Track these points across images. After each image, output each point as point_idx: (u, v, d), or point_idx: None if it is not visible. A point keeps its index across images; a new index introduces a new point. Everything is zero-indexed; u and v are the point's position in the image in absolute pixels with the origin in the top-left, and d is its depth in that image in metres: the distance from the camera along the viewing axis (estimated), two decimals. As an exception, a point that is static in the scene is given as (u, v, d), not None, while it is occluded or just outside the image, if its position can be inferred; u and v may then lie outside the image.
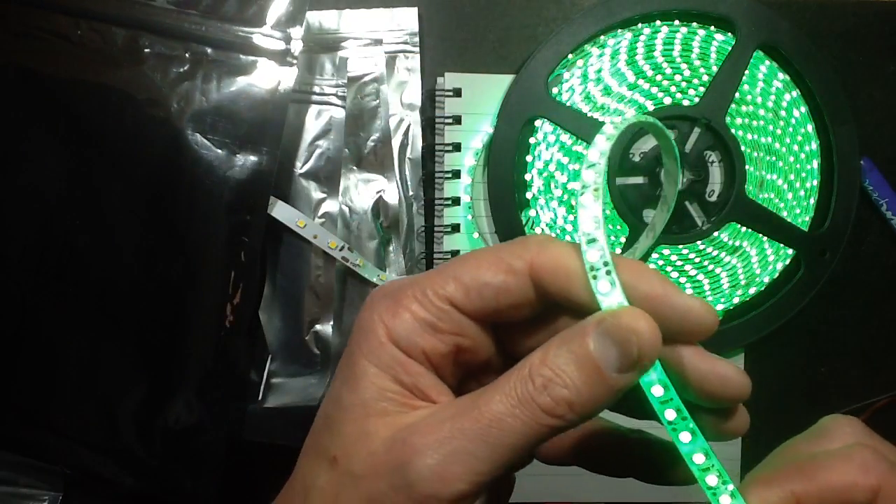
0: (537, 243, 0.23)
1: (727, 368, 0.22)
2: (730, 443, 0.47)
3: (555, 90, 0.45)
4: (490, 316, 0.23)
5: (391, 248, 0.46)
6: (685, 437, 0.21)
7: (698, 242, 0.45)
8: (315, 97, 0.45)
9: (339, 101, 0.45)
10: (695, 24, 0.45)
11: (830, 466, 0.22)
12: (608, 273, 0.21)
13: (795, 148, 0.45)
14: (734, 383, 0.23)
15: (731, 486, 0.21)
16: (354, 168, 0.45)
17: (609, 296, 0.21)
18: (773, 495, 0.22)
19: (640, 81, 0.45)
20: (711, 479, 0.21)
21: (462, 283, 0.23)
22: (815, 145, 0.45)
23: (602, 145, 0.22)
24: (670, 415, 0.21)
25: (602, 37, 0.45)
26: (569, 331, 0.21)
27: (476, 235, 0.46)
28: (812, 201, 0.46)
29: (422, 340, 0.23)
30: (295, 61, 0.41)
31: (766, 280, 0.46)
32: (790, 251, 0.45)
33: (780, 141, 0.45)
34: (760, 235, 0.45)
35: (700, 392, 0.23)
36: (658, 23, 0.45)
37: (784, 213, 0.45)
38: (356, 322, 0.24)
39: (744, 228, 0.45)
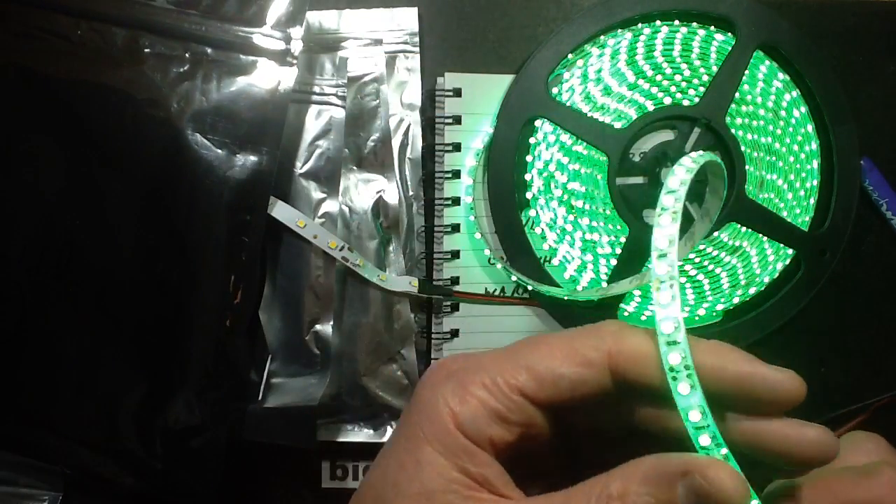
0: (612, 333, 0.22)
1: (816, 433, 0.22)
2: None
3: (555, 90, 0.45)
4: (561, 405, 0.23)
5: (391, 248, 0.46)
6: None
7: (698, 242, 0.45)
8: (315, 97, 0.45)
9: (339, 101, 0.45)
10: (695, 24, 0.45)
11: (858, 483, 0.22)
12: (672, 287, 0.22)
13: (795, 148, 0.45)
14: (824, 446, 0.22)
15: None
16: (354, 168, 0.45)
17: (675, 349, 0.21)
18: None
19: (640, 81, 0.45)
20: None
21: (535, 374, 0.22)
22: (815, 145, 0.45)
23: (682, 175, 0.24)
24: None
25: (602, 37, 0.45)
26: (653, 469, 0.21)
27: (478, 236, 0.46)
28: (812, 201, 0.46)
29: (490, 430, 0.22)
30: (295, 61, 0.41)
31: (766, 280, 0.46)
32: (790, 251, 0.45)
33: (780, 141, 0.45)
34: (760, 235, 0.45)
35: (788, 459, 0.22)
36: (658, 23, 0.45)
37: (784, 213, 0.45)
38: (416, 399, 0.23)
39: (744, 228, 0.45)
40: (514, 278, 0.45)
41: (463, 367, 0.23)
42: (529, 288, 0.45)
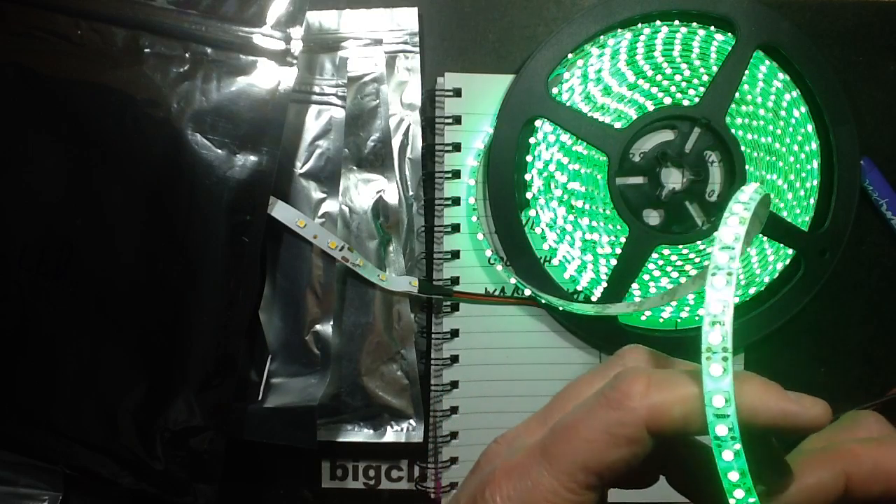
0: (641, 397, 0.22)
1: (814, 405, 0.23)
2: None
3: (555, 90, 0.45)
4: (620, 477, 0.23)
5: (391, 248, 0.46)
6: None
7: (698, 242, 0.45)
8: (315, 97, 0.45)
9: (339, 101, 0.45)
10: (695, 24, 0.45)
11: (878, 450, 0.23)
12: (725, 360, 0.21)
13: (795, 148, 0.45)
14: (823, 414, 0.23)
15: None
16: (354, 168, 0.45)
17: (723, 394, 0.21)
18: (826, 473, 0.23)
19: (640, 81, 0.45)
20: None
21: (591, 471, 0.22)
22: (815, 145, 0.45)
23: (736, 228, 0.22)
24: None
25: (602, 37, 0.45)
26: None
27: (480, 237, 0.46)
28: (812, 201, 0.46)
29: None
30: (295, 61, 0.41)
31: (766, 280, 0.46)
32: (790, 251, 0.45)
33: (780, 141, 0.45)
34: (760, 235, 0.45)
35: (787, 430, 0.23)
36: (658, 23, 0.45)
37: (784, 213, 0.45)
38: (482, 498, 0.24)
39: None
40: (512, 280, 0.45)
41: (525, 486, 0.23)
42: (527, 293, 0.45)
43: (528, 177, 0.45)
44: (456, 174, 0.46)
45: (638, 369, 0.23)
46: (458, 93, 0.46)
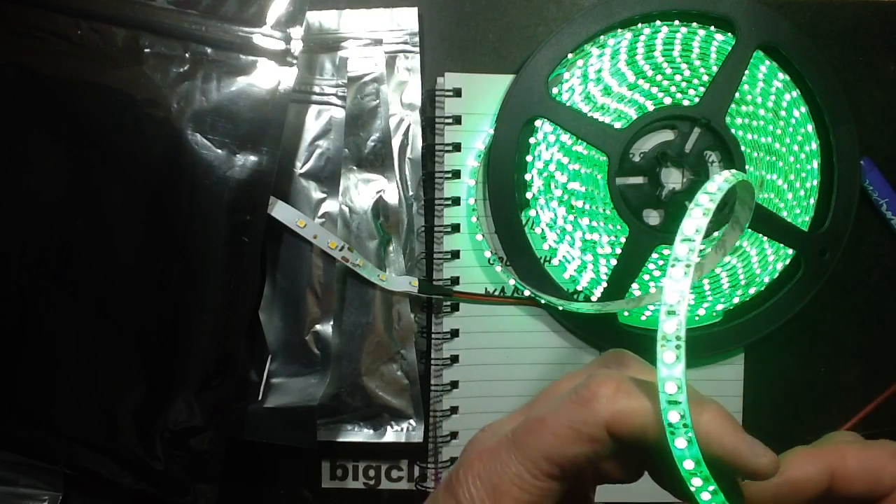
0: (608, 400, 0.23)
1: (768, 458, 0.23)
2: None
3: (555, 90, 0.45)
4: (582, 471, 0.25)
5: (391, 248, 0.46)
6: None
7: (698, 242, 0.45)
8: (315, 97, 0.45)
9: (339, 101, 0.45)
10: (695, 24, 0.45)
11: (864, 451, 0.24)
12: (678, 348, 0.22)
13: (795, 148, 0.45)
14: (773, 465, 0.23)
15: None
16: (354, 168, 0.45)
17: (677, 396, 0.22)
18: (812, 468, 0.24)
19: (640, 81, 0.45)
20: None
21: (554, 461, 0.24)
22: (815, 145, 0.45)
23: (699, 220, 0.22)
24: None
25: (602, 37, 0.45)
26: None
27: (480, 237, 0.46)
28: (812, 201, 0.46)
29: None
30: (295, 61, 0.41)
31: (766, 280, 0.46)
32: (790, 251, 0.45)
33: (780, 141, 0.45)
34: (760, 235, 0.45)
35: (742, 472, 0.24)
36: (658, 23, 0.45)
37: (784, 213, 0.45)
38: (452, 485, 0.26)
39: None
40: (511, 282, 0.45)
41: (490, 455, 0.25)
42: (526, 293, 0.45)
43: (528, 177, 0.45)
44: (456, 174, 0.46)
45: (611, 373, 0.24)
46: (458, 93, 0.46)
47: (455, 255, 0.46)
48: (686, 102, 0.44)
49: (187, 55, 0.41)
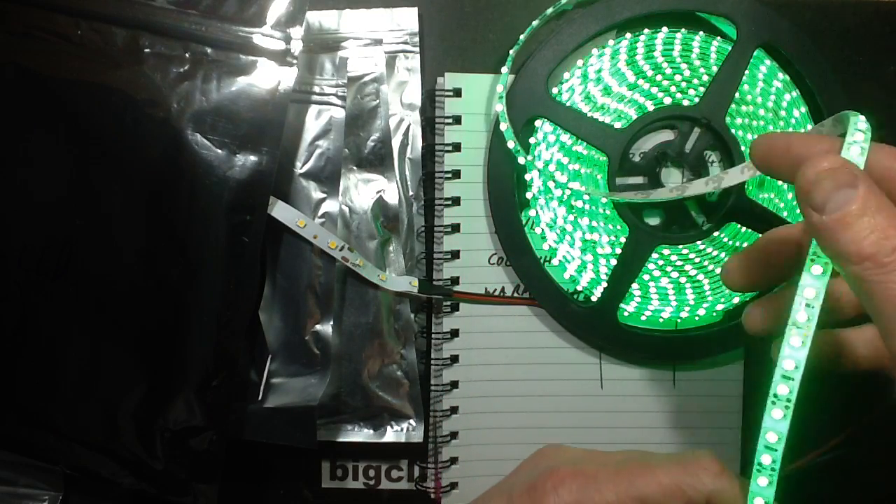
0: (713, 477, 0.27)
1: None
2: (728, 441, 0.47)
3: (555, 90, 0.45)
4: None
5: (391, 248, 0.46)
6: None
7: (698, 242, 0.45)
8: (315, 97, 0.45)
9: (339, 101, 0.45)
10: (695, 24, 0.45)
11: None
12: (787, 408, 0.24)
13: (795, 148, 0.45)
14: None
15: None
16: (354, 168, 0.45)
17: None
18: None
19: (640, 81, 0.45)
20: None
21: (645, 501, 0.27)
22: (815, 145, 0.45)
23: (819, 285, 0.24)
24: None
25: (602, 37, 0.45)
26: None
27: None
28: (812, 201, 0.46)
29: None
30: (295, 61, 0.41)
31: (766, 280, 0.46)
32: (790, 251, 0.45)
33: (780, 141, 0.45)
34: (760, 235, 0.45)
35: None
36: (658, 23, 0.45)
37: (784, 214, 0.45)
38: (537, 496, 0.28)
39: (744, 228, 0.45)
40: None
41: (585, 479, 0.28)
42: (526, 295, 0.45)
43: (528, 177, 0.45)
44: (456, 174, 0.46)
45: (714, 457, 0.28)
46: (458, 93, 0.46)
47: (455, 255, 0.46)
48: (686, 102, 0.44)
49: (187, 55, 0.41)
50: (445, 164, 0.46)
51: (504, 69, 0.44)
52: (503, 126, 0.43)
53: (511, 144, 0.43)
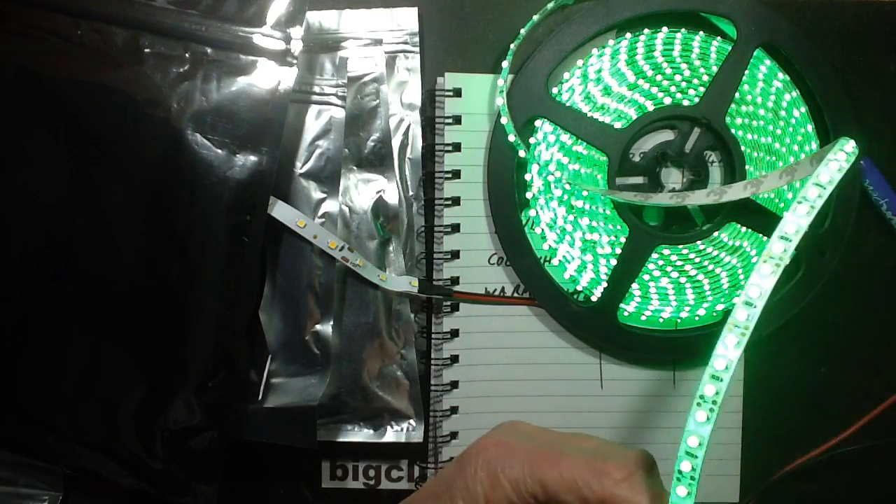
0: (615, 484, 0.27)
1: None
2: (728, 441, 0.47)
3: (555, 90, 0.45)
4: None
5: (391, 248, 0.46)
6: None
7: (698, 242, 0.45)
8: (315, 97, 0.45)
9: (339, 101, 0.45)
10: (694, 24, 0.45)
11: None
12: (743, 336, 0.23)
13: (795, 148, 0.45)
14: None
15: None
16: (354, 168, 0.45)
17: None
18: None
19: (640, 81, 0.45)
20: None
21: (546, 490, 0.28)
22: (815, 145, 0.45)
23: (801, 218, 0.23)
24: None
25: (602, 37, 0.45)
26: None
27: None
28: (812, 201, 0.46)
29: None
30: (295, 61, 0.41)
31: (766, 280, 0.46)
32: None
33: (780, 141, 0.45)
34: (760, 235, 0.45)
35: None
36: (658, 23, 0.45)
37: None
38: (465, 457, 0.31)
39: (744, 228, 0.45)
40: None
41: (505, 451, 0.30)
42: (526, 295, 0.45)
43: (528, 177, 0.45)
44: (456, 174, 0.46)
45: (630, 459, 0.28)
46: (458, 93, 0.46)
47: (455, 255, 0.46)
48: (686, 102, 0.44)
49: (187, 55, 0.41)
50: (445, 164, 0.46)
51: (505, 63, 0.44)
52: (504, 120, 0.44)
53: (512, 138, 0.43)
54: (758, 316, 0.22)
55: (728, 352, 0.22)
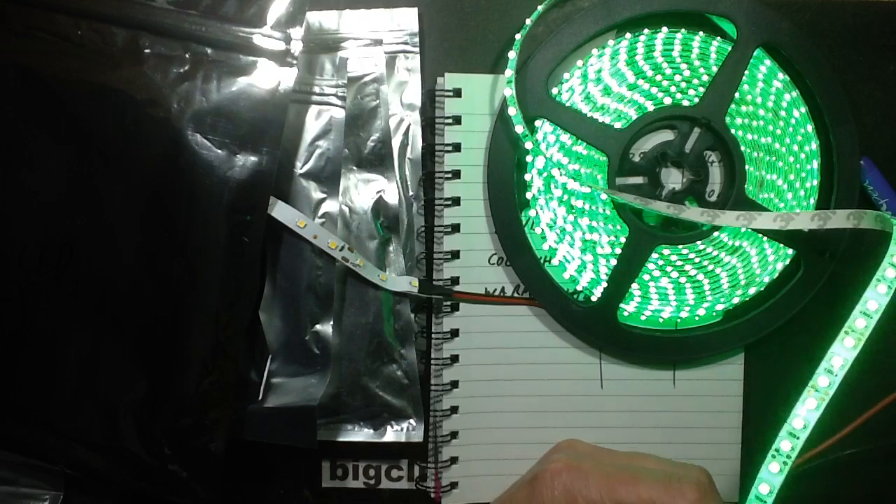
0: (696, 501, 0.31)
1: None
2: (728, 441, 0.47)
3: (555, 90, 0.45)
4: None
5: (391, 248, 0.46)
6: None
7: (698, 242, 0.45)
8: (315, 97, 0.45)
9: (339, 101, 0.45)
10: (694, 24, 0.45)
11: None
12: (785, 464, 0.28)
13: (795, 148, 0.45)
14: None
15: None
16: (354, 168, 0.45)
17: None
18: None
19: (640, 81, 0.45)
20: None
21: None
22: (815, 145, 0.45)
23: (849, 353, 0.27)
24: None
25: (602, 37, 0.45)
26: None
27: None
28: (812, 201, 0.46)
29: None
30: (295, 61, 0.41)
31: (766, 280, 0.46)
32: (790, 251, 0.45)
33: (780, 141, 0.45)
34: (760, 235, 0.45)
35: None
36: (658, 23, 0.45)
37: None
38: (539, 480, 0.34)
39: (744, 228, 0.45)
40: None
41: (579, 474, 0.33)
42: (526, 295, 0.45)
43: (528, 177, 0.45)
44: (456, 174, 0.46)
45: (701, 483, 0.32)
46: (458, 93, 0.46)
47: (455, 255, 0.46)
48: (686, 102, 0.44)
49: (187, 55, 0.41)
50: (445, 164, 0.46)
51: (511, 54, 0.44)
52: (511, 111, 0.43)
53: (520, 129, 0.43)
54: (837, 385, 0.25)
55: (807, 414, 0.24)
